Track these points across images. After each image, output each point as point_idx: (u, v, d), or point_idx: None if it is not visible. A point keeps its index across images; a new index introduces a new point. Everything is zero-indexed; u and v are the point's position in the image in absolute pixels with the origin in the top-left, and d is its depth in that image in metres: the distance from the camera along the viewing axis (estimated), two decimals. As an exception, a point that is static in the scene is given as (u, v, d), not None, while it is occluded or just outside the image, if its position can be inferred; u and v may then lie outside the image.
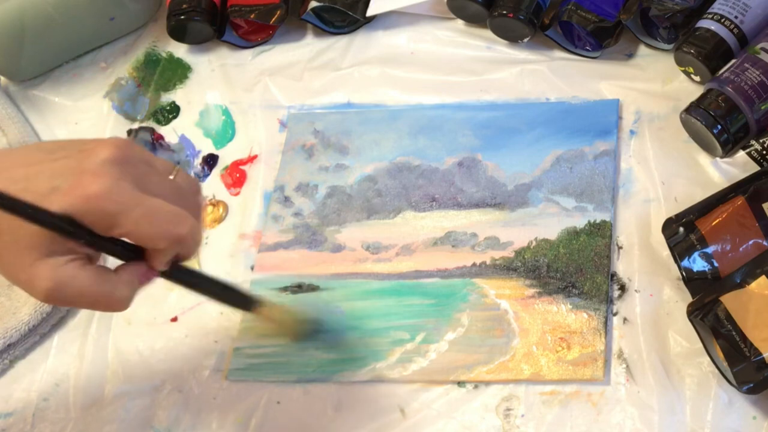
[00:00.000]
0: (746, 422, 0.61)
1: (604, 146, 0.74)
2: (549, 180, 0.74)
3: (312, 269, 0.75)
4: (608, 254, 0.69)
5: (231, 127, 0.85)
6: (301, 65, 0.87)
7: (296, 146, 0.82)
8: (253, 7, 0.87)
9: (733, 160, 0.70)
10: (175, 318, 0.75)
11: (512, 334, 0.68)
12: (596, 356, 0.65)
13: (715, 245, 0.65)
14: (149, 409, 0.72)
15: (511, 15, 0.79)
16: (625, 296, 0.68)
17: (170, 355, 0.74)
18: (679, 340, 0.65)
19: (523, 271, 0.70)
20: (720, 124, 0.69)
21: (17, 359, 0.76)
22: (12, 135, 0.86)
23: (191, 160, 0.84)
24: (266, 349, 0.72)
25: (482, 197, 0.75)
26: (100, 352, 0.75)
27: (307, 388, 0.70)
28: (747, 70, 0.70)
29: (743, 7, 0.73)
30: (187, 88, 0.89)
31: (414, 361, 0.69)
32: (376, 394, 0.68)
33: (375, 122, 0.81)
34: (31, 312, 0.75)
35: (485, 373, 0.67)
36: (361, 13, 0.86)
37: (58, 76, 0.93)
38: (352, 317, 0.72)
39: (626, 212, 0.71)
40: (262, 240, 0.77)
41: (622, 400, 0.64)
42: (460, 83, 0.82)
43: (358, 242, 0.75)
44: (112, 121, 0.88)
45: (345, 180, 0.79)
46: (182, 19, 0.87)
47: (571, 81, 0.79)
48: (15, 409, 0.74)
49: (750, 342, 0.60)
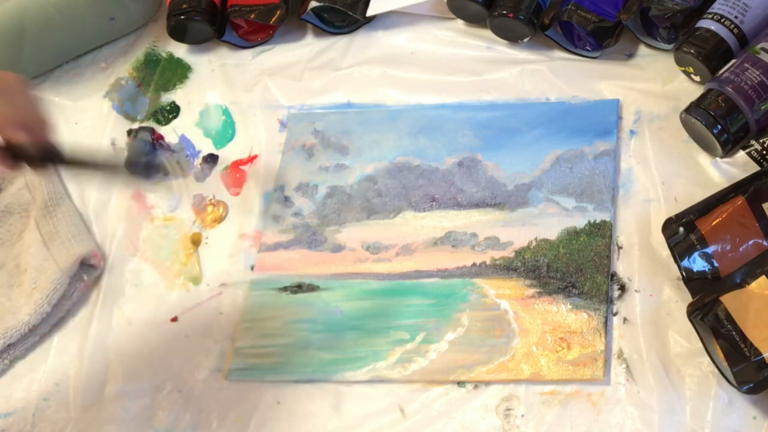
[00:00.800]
0: (746, 422, 0.61)
1: (604, 146, 0.74)
2: (549, 180, 0.74)
3: (312, 269, 0.75)
4: (608, 254, 0.69)
5: (231, 127, 0.85)
6: (301, 65, 0.87)
7: (296, 146, 0.82)
8: (253, 7, 0.87)
9: (733, 160, 0.70)
10: (175, 318, 0.76)
11: (512, 334, 0.68)
12: (596, 356, 0.65)
13: (715, 245, 0.65)
14: (149, 409, 0.72)
15: (511, 15, 0.79)
16: (625, 296, 0.68)
17: (170, 355, 0.74)
18: (679, 340, 0.65)
19: (523, 271, 0.70)
20: (720, 124, 0.69)
21: (17, 359, 0.76)
22: (12, 135, 0.86)
23: (191, 160, 0.84)
24: (266, 349, 0.72)
25: (482, 197, 0.75)
26: (100, 352, 0.75)
27: (307, 388, 0.70)
28: (747, 70, 0.70)
29: (743, 7, 0.73)
30: (187, 88, 0.89)
31: (414, 361, 0.69)
32: (376, 394, 0.68)
33: (375, 122, 0.81)
34: (31, 312, 0.75)
35: (485, 373, 0.67)
36: (361, 13, 0.86)
37: (58, 76, 0.93)
38: (352, 317, 0.72)
39: (626, 212, 0.71)
40: (262, 240, 0.77)
41: (622, 400, 0.64)
42: (460, 83, 0.82)
43: (358, 242, 0.75)
44: (112, 121, 0.88)
45: (345, 180, 0.79)
46: (182, 19, 0.87)
47: (571, 81, 0.79)
48: (15, 409, 0.74)
49: (750, 342, 0.60)
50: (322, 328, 0.72)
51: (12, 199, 0.83)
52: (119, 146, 0.86)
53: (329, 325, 0.72)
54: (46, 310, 0.75)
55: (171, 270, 0.78)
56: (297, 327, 0.72)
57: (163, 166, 0.74)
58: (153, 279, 0.78)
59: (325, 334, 0.71)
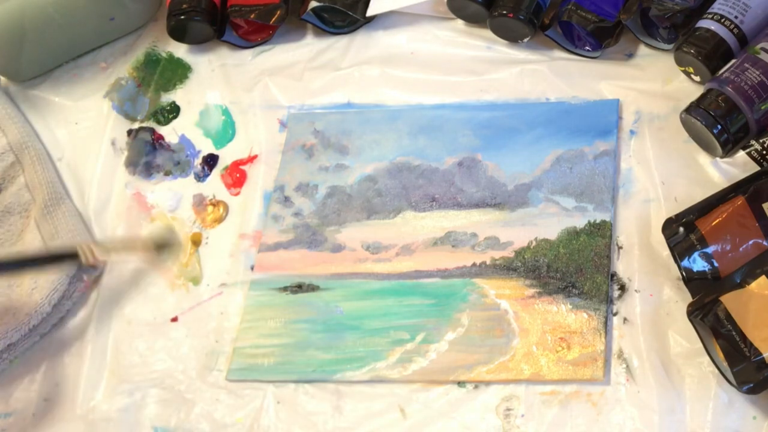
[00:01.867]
0: (746, 422, 0.61)
1: (604, 146, 0.74)
2: (549, 180, 0.74)
3: (312, 269, 0.75)
4: (608, 254, 0.69)
5: (231, 127, 0.85)
6: (301, 65, 0.87)
7: (296, 146, 0.82)
8: (253, 7, 0.87)
9: (733, 160, 0.70)
10: (175, 318, 0.76)
11: (512, 334, 0.68)
12: (596, 356, 0.65)
13: (715, 245, 0.65)
14: (149, 408, 0.72)
15: (511, 15, 0.79)
16: (625, 296, 0.68)
17: (170, 355, 0.74)
18: (679, 340, 0.65)
19: (523, 271, 0.70)
20: (720, 124, 0.69)
21: (17, 359, 0.76)
22: (12, 135, 0.86)
23: (191, 160, 0.84)
24: (266, 349, 0.72)
25: (482, 197, 0.75)
26: (100, 352, 0.75)
27: (307, 388, 0.70)
28: (747, 70, 0.70)
29: (743, 7, 0.73)
30: (187, 88, 0.89)
31: (414, 361, 0.69)
32: (376, 394, 0.68)
33: (375, 122, 0.81)
34: (31, 312, 0.75)
35: (485, 373, 0.67)
36: (361, 13, 0.86)
37: (58, 76, 0.93)
38: (352, 317, 0.72)
39: (626, 212, 0.71)
40: (262, 240, 0.77)
41: (622, 400, 0.64)
42: (460, 83, 0.82)
43: (358, 242, 0.75)
44: (112, 121, 0.88)
45: (345, 180, 0.79)
46: (182, 19, 0.87)
47: (571, 81, 0.79)
48: (15, 409, 0.74)
49: (750, 342, 0.60)
50: (322, 328, 0.72)
51: (12, 199, 0.83)
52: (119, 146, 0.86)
53: (329, 325, 0.72)
54: (46, 310, 0.75)
55: (171, 270, 0.78)
56: (297, 327, 0.72)
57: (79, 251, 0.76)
58: (153, 279, 0.78)
59: (325, 334, 0.71)
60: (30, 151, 0.85)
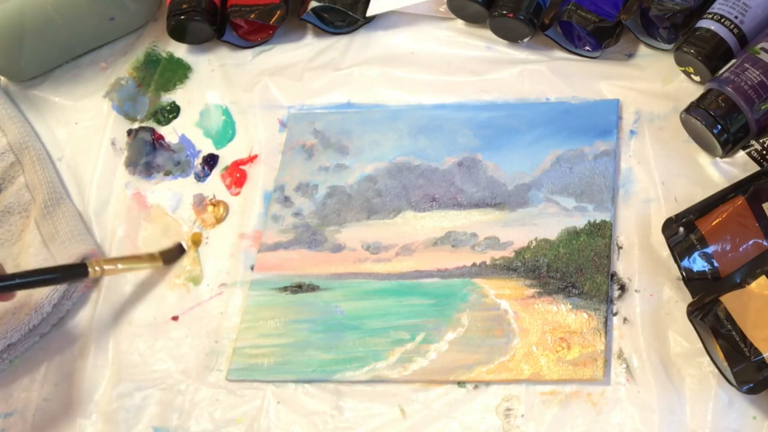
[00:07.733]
0: (746, 422, 0.61)
1: (604, 146, 0.74)
2: (549, 180, 0.74)
3: (312, 269, 0.75)
4: (608, 254, 0.69)
5: (231, 127, 0.85)
6: (301, 65, 0.87)
7: (296, 146, 0.82)
8: (253, 7, 0.87)
9: (733, 160, 0.70)
10: (176, 318, 0.76)
11: (512, 334, 0.68)
12: (596, 356, 0.65)
13: (715, 245, 0.65)
14: (149, 408, 0.72)
15: (511, 15, 0.79)
16: (625, 296, 0.68)
17: (170, 355, 0.74)
18: (679, 340, 0.65)
19: (523, 271, 0.70)
20: (720, 124, 0.69)
21: (17, 359, 0.76)
22: (12, 135, 0.86)
23: (191, 160, 0.84)
24: (266, 349, 0.72)
25: (482, 197, 0.75)
26: (100, 352, 0.75)
27: (307, 388, 0.70)
28: (747, 70, 0.70)
29: (743, 7, 0.73)
30: (187, 88, 0.89)
31: (414, 361, 0.69)
32: (376, 394, 0.68)
33: (375, 122, 0.81)
34: (31, 312, 0.75)
35: (485, 373, 0.67)
36: (361, 13, 0.86)
37: (58, 76, 0.93)
38: (352, 317, 0.72)
39: (626, 212, 0.71)
40: (262, 240, 0.77)
41: (622, 400, 0.64)
42: (460, 83, 0.82)
43: (358, 242, 0.75)
44: (112, 121, 0.88)
45: (345, 180, 0.79)
46: (182, 19, 0.87)
47: (571, 81, 0.79)
48: (15, 409, 0.74)
49: (750, 342, 0.60)
50: (322, 328, 0.72)
51: (12, 199, 0.83)
52: (119, 146, 0.86)
53: (329, 325, 0.72)
54: (46, 310, 0.75)
55: (171, 270, 0.78)
56: (297, 327, 0.72)
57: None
58: (153, 279, 0.78)
59: (325, 334, 0.71)
60: (30, 151, 0.85)
